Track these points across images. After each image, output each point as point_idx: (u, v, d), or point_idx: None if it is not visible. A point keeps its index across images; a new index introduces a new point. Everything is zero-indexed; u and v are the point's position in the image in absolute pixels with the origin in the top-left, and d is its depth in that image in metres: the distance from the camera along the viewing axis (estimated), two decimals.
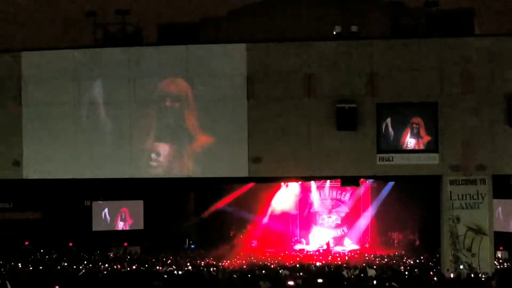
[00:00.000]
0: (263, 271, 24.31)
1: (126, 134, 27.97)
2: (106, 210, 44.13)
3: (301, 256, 39.56)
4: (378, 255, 38.45)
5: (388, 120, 26.49)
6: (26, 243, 40.86)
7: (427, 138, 26.41)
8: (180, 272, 25.22)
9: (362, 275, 22.84)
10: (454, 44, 26.57)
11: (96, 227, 43.89)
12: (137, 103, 27.83)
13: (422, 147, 26.47)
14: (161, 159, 27.90)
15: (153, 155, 27.89)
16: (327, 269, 26.35)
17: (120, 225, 44.35)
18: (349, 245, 44.15)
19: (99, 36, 28.85)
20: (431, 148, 26.37)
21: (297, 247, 44.21)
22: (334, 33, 27.35)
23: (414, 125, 26.49)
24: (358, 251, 41.89)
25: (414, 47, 26.69)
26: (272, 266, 29.96)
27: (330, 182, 43.85)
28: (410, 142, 26.42)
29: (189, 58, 27.52)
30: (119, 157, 28.07)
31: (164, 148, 27.85)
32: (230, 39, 28.32)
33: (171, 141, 27.88)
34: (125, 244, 43.16)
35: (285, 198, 44.96)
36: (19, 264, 30.76)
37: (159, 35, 29.06)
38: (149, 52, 28.03)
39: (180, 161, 27.80)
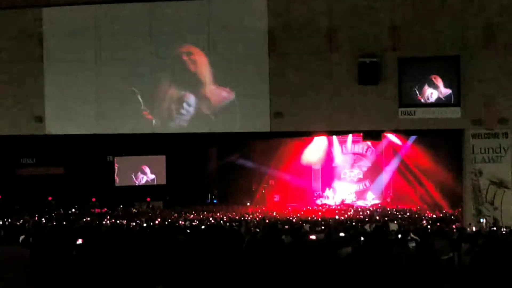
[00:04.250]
0: (285, 226, 24.37)
1: (147, 89, 27.99)
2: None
3: (323, 210, 39.66)
4: (400, 209, 38.51)
5: (410, 75, 26.33)
6: (50, 198, 41.24)
7: (449, 92, 26.20)
8: (203, 227, 25.33)
9: (384, 229, 22.86)
10: None
11: (118, 182, 44.24)
12: (158, 59, 27.79)
13: (444, 100, 26.29)
14: (182, 114, 27.92)
15: (174, 110, 27.94)
16: (349, 223, 26.41)
17: (141, 180, 44.65)
18: (371, 199, 44.22)
19: None
20: (453, 102, 26.13)
21: (319, 201, 44.32)
22: None
23: (436, 79, 26.30)
24: (380, 205, 41.94)
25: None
26: (294, 220, 30.05)
27: (352, 136, 43.83)
28: (432, 96, 26.23)
29: (210, 13, 27.41)
30: (141, 112, 28.10)
31: (185, 103, 27.86)
32: None
33: (191, 97, 27.88)
34: (148, 199, 43.50)
35: (308, 152, 44.94)
36: (42, 219, 31.02)
37: None
38: (170, 7, 27.89)
39: (201, 116, 27.81)
